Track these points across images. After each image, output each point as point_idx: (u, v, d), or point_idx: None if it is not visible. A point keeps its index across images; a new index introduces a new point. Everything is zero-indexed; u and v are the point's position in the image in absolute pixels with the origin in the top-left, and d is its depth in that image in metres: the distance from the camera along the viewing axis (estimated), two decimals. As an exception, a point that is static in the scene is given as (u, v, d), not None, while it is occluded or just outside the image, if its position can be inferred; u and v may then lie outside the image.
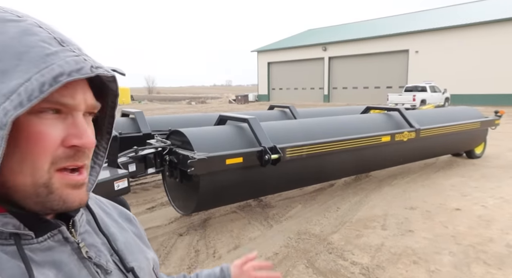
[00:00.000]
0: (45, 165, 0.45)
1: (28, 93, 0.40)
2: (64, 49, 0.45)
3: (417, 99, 18.13)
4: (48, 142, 0.45)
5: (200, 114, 6.16)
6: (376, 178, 5.54)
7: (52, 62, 0.43)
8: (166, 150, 3.55)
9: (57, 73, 0.42)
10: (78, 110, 0.48)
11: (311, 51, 32.40)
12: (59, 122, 0.46)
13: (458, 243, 3.26)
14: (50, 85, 0.41)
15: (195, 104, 31.36)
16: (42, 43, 0.44)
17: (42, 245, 0.48)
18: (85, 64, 0.45)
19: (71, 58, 0.44)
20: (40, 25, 0.46)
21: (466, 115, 6.07)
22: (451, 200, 4.45)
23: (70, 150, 0.47)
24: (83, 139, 0.47)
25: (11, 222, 0.46)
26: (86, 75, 0.44)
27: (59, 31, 0.48)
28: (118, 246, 0.60)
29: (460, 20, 24.56)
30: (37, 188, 0.45)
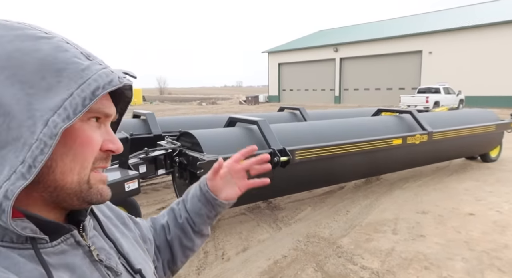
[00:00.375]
0: (90, 164, 0.51)
1: (73, 107, 0.46)
2: (93, 63, 0.50)
3: (430, 101, 17.84)
4: (95, 145, 0.51)
5: (210, 115, 6.19)
6: (387, 181, 5.47)
7: (88, 76, 0.47)
8: (176, 151, 3.58)
9: (94, 87, 0.47)
10: (110, 118, 0.54)
11: (322, 52, 32.23)
12: (99, 129, 0.53)
13: (472, 249, 3.19)
14: (91, 100, 0.47)
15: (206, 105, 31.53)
16: (75, 59, 0.48)
17: (56, 249, 0.50)
18: (113, 76, 0.50)
19: (101, 71, 0.49)
20: (67, 42, 0.50)
21: (481, 117, 5.94)
22: (465, 205, 4.35)
23: (104, 153, 0.53)
24: (116, 144, 0.54)
25: (28, 227, 0.48)
26: (116, 86, 0.49)
27: (82, 46, 0.53)
28: (123, 249, 0.62)
29: (475, 20, 24.09)
30: (82, 185, 0.51)
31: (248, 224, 3.85)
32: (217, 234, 3.60)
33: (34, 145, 0.43)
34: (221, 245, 3.36)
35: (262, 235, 3.57)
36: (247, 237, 3.52)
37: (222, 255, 3.18)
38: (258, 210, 4.27)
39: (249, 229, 3.70)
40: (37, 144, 0.43)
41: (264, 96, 35.95)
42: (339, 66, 31.19)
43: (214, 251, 3.25)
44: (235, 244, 3.39)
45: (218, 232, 3.65)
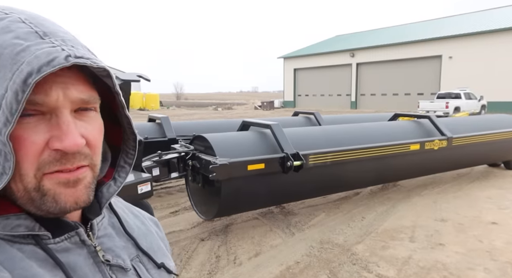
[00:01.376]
0: (30, 171, 0.43)
1: (8, 107, 0.38)
2: (40, 42, 0.41)
3: (450, 107, 17.38)
4: (29, 147, 0.42)
5: (224, 120, 6.21)
6: (404, 187, 5.32)
7: (22, 60, 0.39)
8: (189, 154, 3.59)
9: (26, 74, 0.38)
10: (60, 108, 0.43)
11: (338, 58, 32.00)
12: (43, 123, 0.43)
13: (494, 259, 3.04)
14: (23, 92, 0.38)
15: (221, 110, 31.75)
16: (15, 40, 0.40)
17: (59, 246, 0.48)
18: (59, 54, 0.40)
19: (43, 50, 0.40)
20: (24, 20, 0.43)
21: (504, 123, 5.72)
22: (487, 213, 4.18)
23: (57, 153, 0.43)
24: (65, 141, 0.42)
25: (23, 224, 0.45)
26: (58, 66, 0.39)
27: (47, 24, 0.44)
28: (139, 251, 0.59)
29: (497, 24, 23.42)
30: (30, 193, 0.44)
31: (261, 229, 3.81)
32: (229, 238, 3.57)
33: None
34: (233, 250, 3.33)
35: (274, 240, 3.52)
36: (259, 242, 3.48)
37: (234, 260, 3.14)
38: (271, 214, 4.22)
39: (261, 234, 3.66)
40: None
41: (280, 102, 35.91)
42: (355, 71, 30.87)
43: (226, 256, 3.22)
44: (247, 248, 3.35)
45: (230, 236, 3.62)
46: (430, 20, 33.79)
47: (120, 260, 0.54)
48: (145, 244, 0.61)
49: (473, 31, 23.62)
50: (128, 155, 0.57)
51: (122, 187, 0.56)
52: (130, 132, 0.56)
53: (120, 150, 0.58)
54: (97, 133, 0.48)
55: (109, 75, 0.47)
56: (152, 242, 0.63)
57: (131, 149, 0.57)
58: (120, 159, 0.57)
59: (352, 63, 30.98)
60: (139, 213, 0.68)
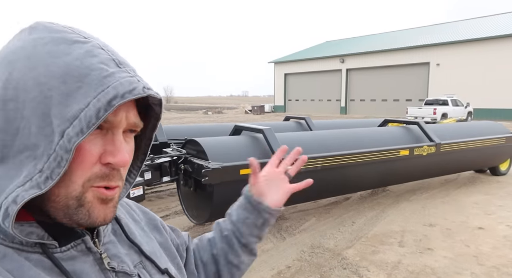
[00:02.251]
0: (79, 179, 0.46)
1: (87, 120, 0.42)
2: (120, 71, 0.46)
3: (438, 113, 17.73)
4: (86, 157, 0.46)
5: (216, 124, 6.20)
6: (393, 192, 5.39)
7: (108, 84, 0.44)
8: (181, 158, 3.58)
9: (111, 96, 0.43)
10: (119, 127, 0.48)
11: (328, 63, 32.36)
12: (99, 138, 0.47)
13: (481, 264, 3.11)
14: (105, 111, 0.43)
15: (212, 114, 31.70)
16: (101, 65, 0.45)
17: (65, 255, 0.49)
18: (138, 85, 0.46)
19: (125, 79, 0.45)
20: (102, 47, 0.48)
21: (490, 130, 5.87)
22: (474, 218, 4.26)
23: (106, 168, 0.47)
24: (117, 156, 0.47)
25: (35, 232, 0.47)
26: (138, 95, 0.45)
27: (117, 53, 0.50)
28: (142, 258, 0.60)
29: (484, 32, 24.07)
30: (69, 200, 0.46)
31: (252, 233, 3.80)
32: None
33: (52, 156, 0.42)
34: (224, 254, 3.31)
35: (266, 244, 3.53)
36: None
37: (225, 265, 3.13)
38: (262, 219, 4.22)
39: (253, 239, 3.65)
40: (54, 156, 0.42)
41: (270, 106, 36.06)
42: (345, 77, 31.25)
43: (217, 260, 3.20)
44: (239, 253, 3.34)
45: (221, 241, 3.60)
46: (419, 27, 34.48)
47: (125, 266, 0.55)
48: (148, 249, 0.62)
49: (460, 39, 24.22)
50: (131, 174, 0.60)
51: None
52: (142, 152, 0.60)
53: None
54: (132, 154, 0.53)
55: (160, 104, 0.55)
56: (154, 248, 0.64)
57: (136, 169, 0.61)
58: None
59: (342, 69, 31.36)
60: (139, 218, 0.68)
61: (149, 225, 0.69)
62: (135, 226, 0.64)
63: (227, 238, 0.79)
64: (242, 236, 0.79)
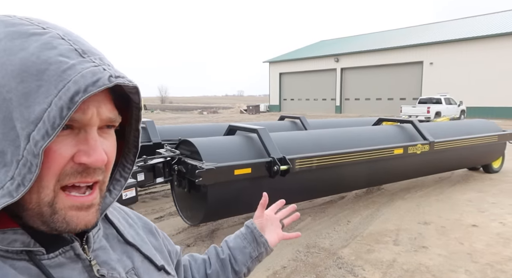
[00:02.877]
0: (51, 182, 0.43)
1: (51, 121, 0.39)
2: (83, 61, 0.42)
3: (431, 112, 17.84)
4: (56, 160, 0.43)
5: (210, 124, 6.18)
6: (388, 191, 5.41)
7: (69, 78, 0.40)
8: (175, 159, 3.55)
9: (73, 92, 0.40)
10: (91, 125, 0.45)
11: (323, 62, 32.43)
12: (70, 138, 0.44)
13: (475, 261, 3.12)
14: (69, 109, 0.40)
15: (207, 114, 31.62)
16: (60, 58, 0.41)
17: (53, 262, 0.47)
18: (103, 74, 0.42)
19: (88, 70, 0.42)
20: (63, 36, 0.44)
21: (483, 128, 5.91)
22: (467, 216, 4.29)
23: (79, 166, 0.45)
24: (92, 156, 0.44)
25: (20, 239, 0.45)
26: (103, 87, 0.42)
27: (82, 41, 0.46)
28: (135, 263, 0.58)
29: (476, 32, 24.28)
30: (42, 207, 0.44)
31: (247, 233, 3.79)
32: (216, 244, 3.52)
33: (21, 162, 0.40)
34: (219, 255, 3.30)
35: (261, 245, 3.51)
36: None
37: (220, 266, 3.11)
38: (257, 219, 4.21)
39: (248, 239, 3.64)
40: (23, 161, 0.40)
41: (265, 106, 36.06)
42: (340, 76, 31.35)
43: (212, 261, 3.18)
44: (234, 254, 3.32)
45: (216, 242, 3.58)
46: (412, 26, 34.69)
47: (115, 273, 0.53)
48: (136, 260, 0.60)
49: (453, 38, 24.41)
50: (125, 169, 0.59)
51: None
52: (133, 146, 0.58)
53: (117, 164, 0.58)
54: (113, 150, 0.50)
55: (137, 92, 0.50)
56: (149, 250, 0.63)
57: (129, 163, 0.58)
58: (116, 172, 0.58)
59: (336, 68, 31.45)
60: (133, 222, 0.67)
61: (144, 229, 0.68)
62: (129, 230, 0.63)
63: (223, 262, 0.83)
64: (236, 263, 0.83)
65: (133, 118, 0.54)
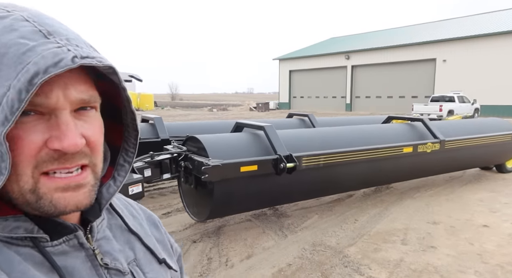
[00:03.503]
0: (27, 170, 0.42)
1: (9, 105, 0.38)
2: (46, 42, 0.40)
3: (444, 110, 17.52)
4: (26, 147, 0.41)
5: (217, 121, 6.19)
6: (397, 190, 5.34)
7: (28, 60, 0.38)
8: (181, 155, 3.57)
9: (32, 74, 0.38)
10: (60, 109, 0.43)
11: (333, 60, 32.14)
12: (41, 123, 0.42)
13: (485, 262, 3.06)
14: (27, 91, 0.38)
15: (217, 111, 31.72)
16: (21, 40, 0.40)
17: (57, 249, 0.47)
18: (66, 55, 0.40)
19: (50, 51, 0.39)
20: (27, 18, 0.42)
21: (496, 127, 5.77)
22: (478, 216, 4.20)
23: (55, 152, 0.43)
24: (64, 141, 0.42)
25: (23, 226, 0.45)
26: (65, 68, 0.39)
27: (50, 22, 0.44)
28: (137, 254, 0.58)
29: (491, 28, 23.71)
30: (25, 195, 0.43)
31: (254, 230, 3.79)
32: (222, 240, 3.55)
33: None
34: (225, 252, 3.31)
35: (267, 242, 3.51)
36: (252, 244, 3.46)
37: (226, 262, 3.12)
38: (264, 216, 4.21)
39: (254, 236, 3.64)
40: None
41: (275, 103, 35.96)
42: (350, 74, 31.03)
43: (218, 258, 3.20)
44: (240, 251, 3.33)
45: (222, 238, 3.60)
46: (424, 23, 34.09)
47: (118, 263, 0.54)
48: (137, 251, 0.60)
49: (467, 35, 23.88)
50: (128, 153, 0.57)
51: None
52: (132, 129, 0.55)
53: (120, 149, 0.57)
54: (97, 132, 0.48)
55: (114, 72, 0.46)
56: (150, 243, 0.63)
57: (131, 147, 0.56)
58: (120, 157, 0.57)
59: (347, 66, 31.14)
60: (137, 213, 0.67)
61: (147, 221, 0.68)
62: (133, 222, 0.63)
63: None
64: None
65: (124, 100, 0.52)
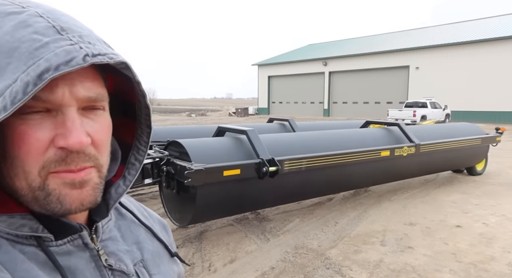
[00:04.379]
0: (34, 168, 0.42)
1: (12, 96, 0.37)
2: (59, 39, 0.40)
3: (417, 115, 18.18)
4: (33, 144, 0.41)
5: (199, 126, 6.16)
6: (375, 193, 5.48)
7: (41, 56, 0.38)
8: (163, 160, 3.52)
9: (43, 69, 0.38)
10: (66, 106, 0.42)
11: (311, 66, 32.72)
12: (48, 121, 0.42)
13: (459, 261, 3.19)
14: (35, 85, 0.37)
15: (195, 116, 31.47)
16: (34, 36, 0.40)
17: (61, 249, 0.47)
18: (78, 53, 0.40)
19: (62, 48, 0.39)
20: (42, 14, 0.42)
21: (467, 131, 6.06)
22: (452, 217, 4.38)
23: (62, 152, 0.42)
24: (69, 139, 0.41)
25: (28, 224, 0.45)
26: (76, 67, 0.39)
27: (65, 19, 0.44)
28: (144, 255, 0.58)
29: (462, 37, 24.89)
30: (34, 192, 0.43)
31: (236, 235, 3.78)
32: (204, 245, 3.52)
33: None
34: (208, 257, 3.28)
35: (250, 246, 3.51)
36: (234, 249, 3.46)
37: (208, 267, 3.10)
38: (246, 221, 4.21)
39: (236, 240, 3.64)
40: None
41: (254, 109, 36.11)
42: (328, 80, 31.66)
43: (201, 263, 3.17)
44: (222, 255, 3.32)
45: (205, 243, 3.57)
46: (399, 31, 35.33)
47: (123, 264, 0.53)
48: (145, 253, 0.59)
49: (438, 44, 24.96)
50: (139, 151, 0.56)
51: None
52: (146, 125, 0.55)
53: (131, 147, 0.56)
54: (104, 132, 0.47)
55: (127, 67, 0.46)
56: (154, 251, 0.62)
57: (143, 145, 0.56)
58: (131, 156, 0.56)
59: (325, 72, 31.76)
60: (149, 215, 0.68)
61: (158, 224, 0.69)
62: (144, 220, 0.63)
63: None
64: None
65: (139, 95, 0.52)
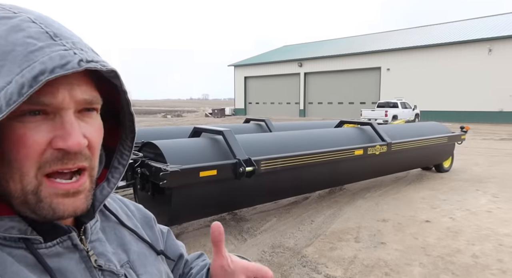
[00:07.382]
0: (31, 170, 0.43)
1: (7, 98, 0.38)
2: (53, 44, 0.41)
3: (389, 115, 18.80)
4: (31, 147, 0.42)
5: (174, 127, 6.08)
6: (349, 191, 5.62)
7: (35, 59, 0.39)
8: (138, 162, 3.46)
9: (38, 71, 0.39)
10: (65, 108, 0.44)
11: (287, 67, 33.07)
12: (46, 123, 0.43)
13: (428, 254, 3.33)
14: (30, 87, 0.38)
15: (171, 117, 31.00)
16: (28, 40, 0.41)
17: (50, 251, 0.47)
18: (72, 58, 0.41)
19: (57, 53, 0.41)
20: (34, 20, 0.43)
21: (434, 130, 6.33)
22: (421, 212, 4.56)
23: (59, 152, 0.44)
24: (69, 140, 0.43)
25: (17, 226, 0.45)
26: (71, 70, 0.40)
27: (56, 25, 0.45)
28: (130, 257, 0.58)
29: (429, 40, 25.96)
30: (27, 195, 0.44)
31: (213, 236, 3.77)
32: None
33: None
34: (185, 259, 3.25)
35: (227, 247, 3.48)
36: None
37: (185, 269, 3.07)
38: (223, 221, 4.20)
39: (214, 242, 3.62)
40: None
41: (231, 109, 36.04)
42: (303, 81, 32.11)
43: (177, 265, 3.13)
44: (199, 257, 3.29)
45: (181, 245, 3.53)
46: (371, 34, 36.37)
47: (112, 265, 0.54)
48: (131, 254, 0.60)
49: (408, 46, 25.93)
50: (123, 156, 0.58)
51: None
52: (130, 131, 0.57)
53: (114, 151, 0.58)
54: (97, 134, 0.49)
55: (116, 76, 0.48)
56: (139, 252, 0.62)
57: (127, 149, 0.58)
58: (114, 159, 0.57)
59: (300, 73, 32.19)
60: (132, 214, 0.68)
61: (142, 221, 0.68)
62: (127, 221, 0.63)
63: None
64: None
65: (124, 103, 0.54)
